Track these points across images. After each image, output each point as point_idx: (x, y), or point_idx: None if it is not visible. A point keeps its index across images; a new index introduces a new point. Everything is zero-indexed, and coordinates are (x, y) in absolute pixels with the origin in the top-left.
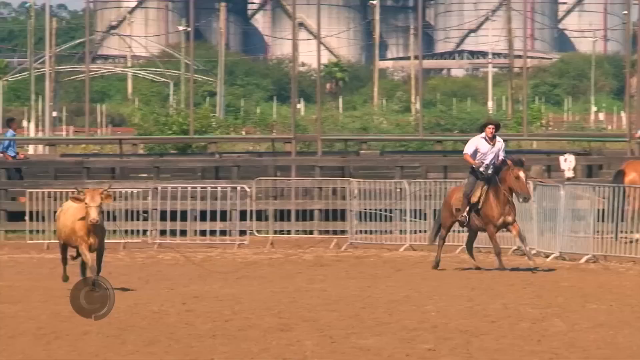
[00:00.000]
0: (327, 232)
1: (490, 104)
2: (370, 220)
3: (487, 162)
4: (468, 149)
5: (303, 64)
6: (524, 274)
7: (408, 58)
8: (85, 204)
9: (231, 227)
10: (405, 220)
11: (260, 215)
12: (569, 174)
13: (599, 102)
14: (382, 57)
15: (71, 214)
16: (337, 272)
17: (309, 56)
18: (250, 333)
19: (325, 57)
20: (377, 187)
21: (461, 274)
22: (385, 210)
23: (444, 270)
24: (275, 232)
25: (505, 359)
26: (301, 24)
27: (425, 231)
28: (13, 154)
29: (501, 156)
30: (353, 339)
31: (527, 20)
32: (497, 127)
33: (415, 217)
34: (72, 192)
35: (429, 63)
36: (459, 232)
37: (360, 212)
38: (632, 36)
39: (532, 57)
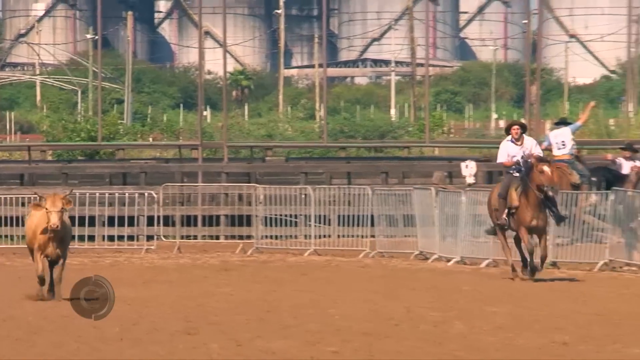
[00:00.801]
0: (233, 237)
1: (393, 111)
2: (276, 225)
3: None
4: (501, 157)
5: (209, 72)
6: (425, 277)
7: (312, 66)
8: (46, 209)
9: (139, 232)
10: (310, 225)
11: (168, 221)
12: (470, 180)
13: (500, 110)
14: (287, 66)
15: (35, 220)
16: (242, 276)
17: (215, 64)
18: (157, 336)
19: (231, 65)
20: (282, 193)
21: (364, 277)
22: (291, 216)
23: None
24: (182, 237)
25: None
26: (207, 33)
27: (329, 236)
28: None
29: (536, 152)
30: (258, 342)
31: (429, 29)
32: (523, 127)
33: (320, 223)
34: (33, 199)
35: (333, 71)
36: (362, 237)
37: (265, 217)
38: (532, 45)
39: (434, 66)
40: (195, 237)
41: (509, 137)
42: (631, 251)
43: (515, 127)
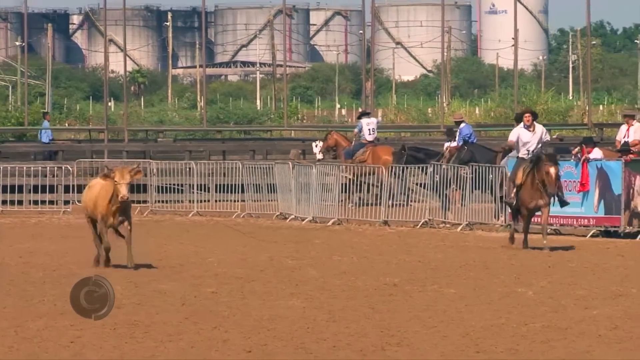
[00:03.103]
0: (133, 201)
1: (258, 102)
2: (166, 192)
3: (531, 149)
4: (512, 137)
5: (113, 71)
6: (284, 233)
7: (194, 67)
8: (115, 181)
9: (58, 198)
10: (193, 192)
11: (81, 189)
12: (319, 156)
13: (342, 101)
14: (174, 66)
15: (95, 191)
16: (140, 232)
17: (117, 65)
18: (73, 280)
19: (130, 66)
20: (171, 167)
21: (236, 233)
22: (178, 185)
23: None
24: None
25: (271, 299)
26: (111, 40)
27: (208, 201)
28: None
29: (545, 139)
30: (153, 285)
31: (286, 37)
32: (534, 115)
33: (201, 190)
34: (102, 170)
35: (210, 70)
36: (234, 201)
37: (158, 186)
38: (366, 50)
39: (290, 66)
40: None
41: (522, 124)
42: (446, 212)
43: (527, 114)
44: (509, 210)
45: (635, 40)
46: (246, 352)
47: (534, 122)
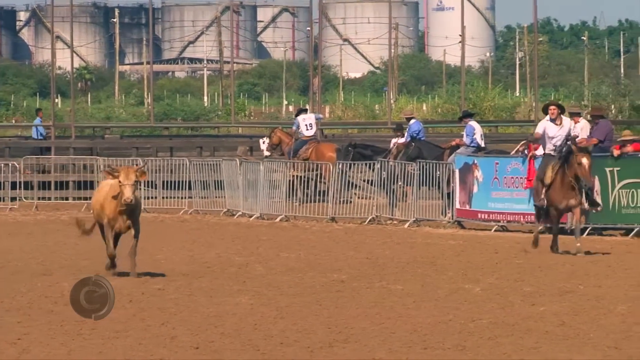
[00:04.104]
0: (80, 198)
1: (205, 98)
2: None
3: (558, 144)
4: (539, 129)
5: (60, 68)
6: (232, 230)
7: (142, 63)
8: (119, 182)
9: (4, 195)
10: (140, 189)
11: (27, 185)
12: (266, 153)
13: (289, 98)
14: (122, 63)
15: (103, 193)
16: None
17: (64, 61)
18: (20, 277)
19: (77, 62)
20: (118, 164)
21: (184, 230)
22: None
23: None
24: (39, 198)
25: (218, 296)
26: (58, 37)
27: (156, 197)
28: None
29: (574, 133)
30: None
31: (234, 34)
32: (561, 108)
33: (148, 187)
34: (105, 168)
35: (157, 67)
36: (182, 198)
37: None
38: (314, 47)
39: (237, 63)
40: (49, 199)
41: (548, 117)
42: (393, 209)
43: (553, 107)
44: (535, 212)
45: (582, 37)
46: (194, 348)
47: (561, 116)
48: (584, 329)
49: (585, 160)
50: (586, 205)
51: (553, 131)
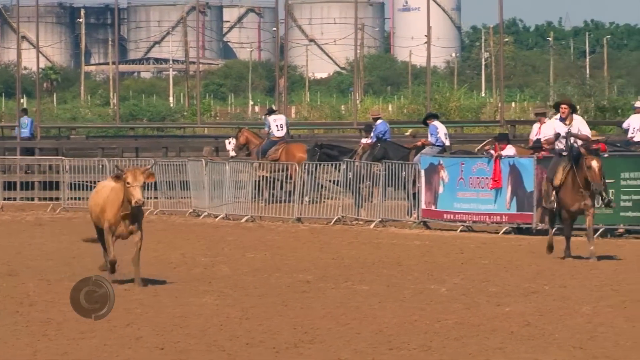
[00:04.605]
0: (45, 199)
1: (171, 99)
2: (79, 189)
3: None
4: (548, 131)
5: (25, 68)
6: (197, 230)
7: (107, 63)
8: (127, 184)
9: None
10: None
11: None
12: (232, 153)
13: (255, 98)
14: (87, 63)
15: (103, 195)
16: (53, 230)
17: (30, 61)
18: None
19: (43, 63)
20: (83, 164)
21: (149, 230)
22: (90, 182)
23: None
24: (4, 199)
25: (184, 296)
26: (23, 37)
27: None
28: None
29: (583, 132)
30: (66, 283)
31: (199, 34)
32: (572, 107)
33: None
34: (112, 170)
35: (123, 67)
36: (147, 198)
37: (70, 183)
38: (280, 47)
39: (203, 63)
40: (15, 199)
41: (558, 116)
42: (359, 209)
43: (564, 106)
44: (546, 215)
45: (547, 38)
46: (159, 349)
47: (572, 115)
48: (549, 329)
49: (595, 164)
50: (602, 205)
51: (562, 131)
